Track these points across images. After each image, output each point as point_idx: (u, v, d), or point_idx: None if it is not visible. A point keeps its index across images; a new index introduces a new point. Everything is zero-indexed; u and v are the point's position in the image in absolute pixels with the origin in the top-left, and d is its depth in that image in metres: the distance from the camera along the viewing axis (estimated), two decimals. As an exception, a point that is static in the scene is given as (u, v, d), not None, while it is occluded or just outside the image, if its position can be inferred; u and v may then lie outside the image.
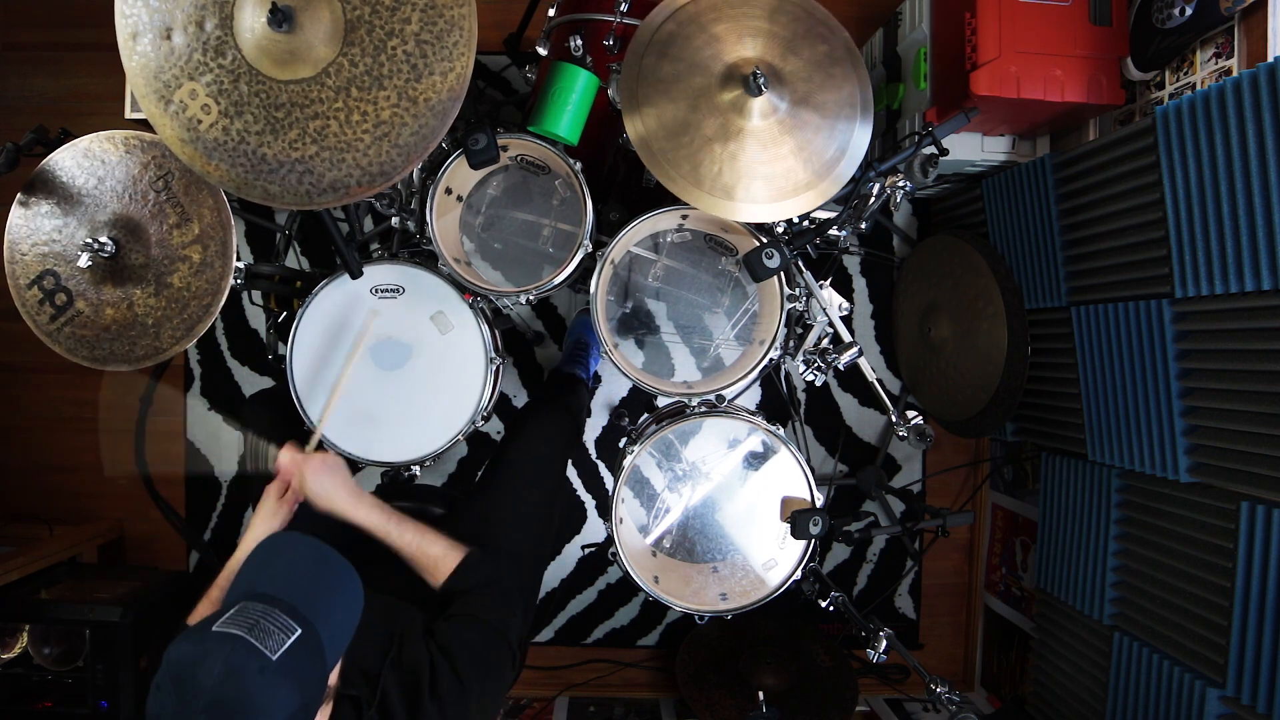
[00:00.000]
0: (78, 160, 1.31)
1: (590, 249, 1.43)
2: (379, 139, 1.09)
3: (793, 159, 1.28)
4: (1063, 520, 1.87)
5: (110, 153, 1.30)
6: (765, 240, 1.34)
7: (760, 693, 1.83)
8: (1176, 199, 1.43)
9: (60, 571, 2.13)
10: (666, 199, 1.34)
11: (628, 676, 2.39)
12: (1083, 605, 1.78)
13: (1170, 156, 1.42)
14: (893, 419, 1.49)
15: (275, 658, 0.77)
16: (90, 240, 1.26)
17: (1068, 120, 1.82)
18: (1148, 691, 1.57)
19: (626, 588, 2.38)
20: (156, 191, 1.29)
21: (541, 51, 1.57)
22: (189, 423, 2.36)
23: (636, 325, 1.80)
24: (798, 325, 1.55)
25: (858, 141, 1.31)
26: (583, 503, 2.38)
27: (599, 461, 2.37)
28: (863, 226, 1.52)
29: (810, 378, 1.52)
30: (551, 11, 1.59)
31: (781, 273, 1.39)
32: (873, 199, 1.42)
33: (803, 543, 1.45)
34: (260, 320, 2.35)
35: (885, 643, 1.51)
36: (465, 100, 1.10)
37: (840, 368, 1.46)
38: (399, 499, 1.63)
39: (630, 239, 1.49)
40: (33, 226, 1.32)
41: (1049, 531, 1.92)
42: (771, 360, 1.45)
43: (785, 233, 1.48)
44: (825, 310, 1.49)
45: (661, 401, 1.92)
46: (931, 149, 1.36)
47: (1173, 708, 1.50)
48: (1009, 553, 2.23)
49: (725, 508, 1.55)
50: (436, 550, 1.23)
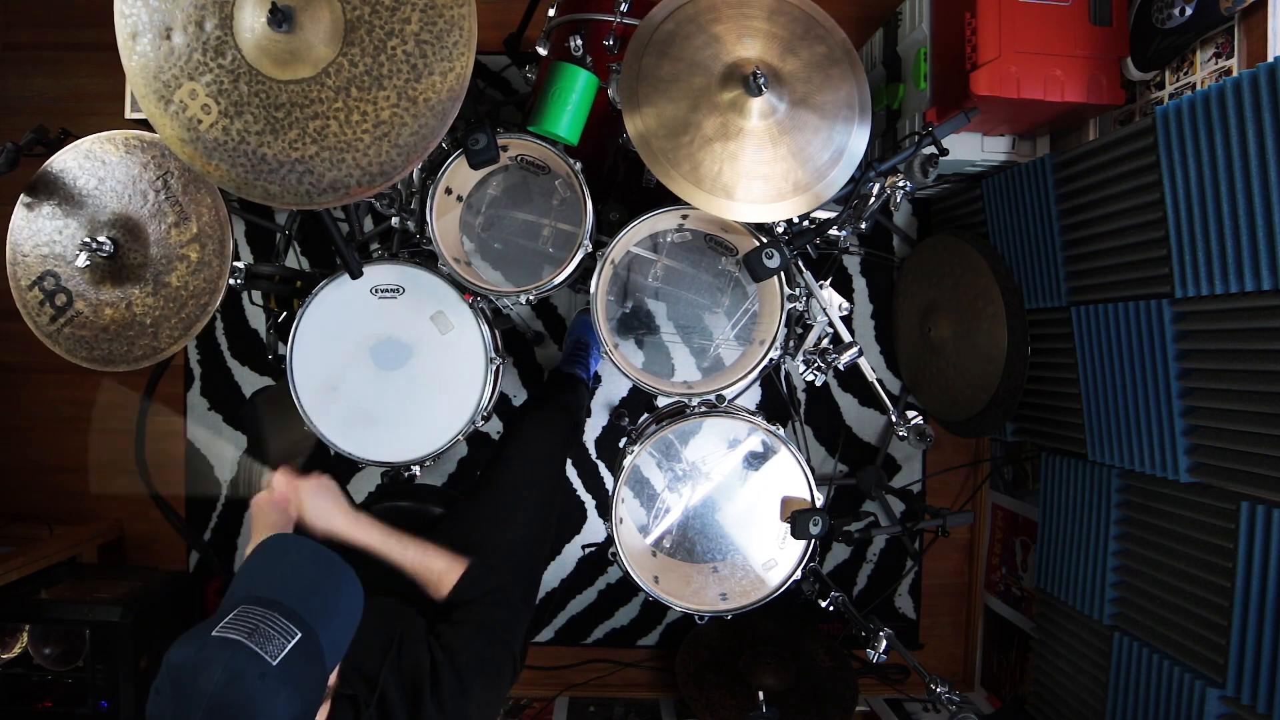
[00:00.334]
0: (79, 162, 1.31)
1: (590, 249, 1.43)
2: (379, 139, 1.09)
3: (792, 159, 1.28)
4: (1063, 520, 1.87)
5: (110, 153, 1.30)
6: (765, 240, 1.34)
7: (760, 693, 1.83)
8: (1176, 199, 1.43)
9: (60, 571, 2.13)
10: (666, 199, 1.34)
11: (628, 676, 2.39)
12: (1083, 605, 1.78)
13: (1170, 156, 1.42)
14: (893, 419, 1.49)
15: (275, 663, 0.77)
16: (89, 240, 1.26)
17: (1068, 120, 1.82)
18: (1148, 691, 1.57)
19: (626, 588, 2.38)
20: (156, 191, 1.29)
21: (541, 51, 1.57)
22: (189, 423, 2.36)
23: (636, 325, 1.79)
24: (798, 325, 1.55)
25: (856, 142, 1.31)
26: (583, 503, 2.38)
27: (599, 461, 2.37)
28: (863, 226, 1.52)
29: (810, 378, 1.52)
30: (551, 11, 1.59)
31: (781, 273, 1.39)
32: (873, 199, 1.42)
33: (803, 543, 1.45)
34: (260, 320, 2.35)
35: (885, 643, 1.51)
36: (465, 100, 1.10)
37: (840, 368, 1.46)
38: (399, 499, 1.63)
39: (630, 239, 1.49)
40: (34, 228, 1.32)
41: (1049, 531, 1.92)
42: (771, 360, 1.45)
43: (785, 233, 1.48)
44: (825, 310, 1.49)
45: (661, 401, 1.92)
46: (931, 149, 1.36)
47: (1173, 708, 1.50)
48: (1009, 553, 2.23)
49: (725, 508, 1.55)
50: (439, 565, 1.23)
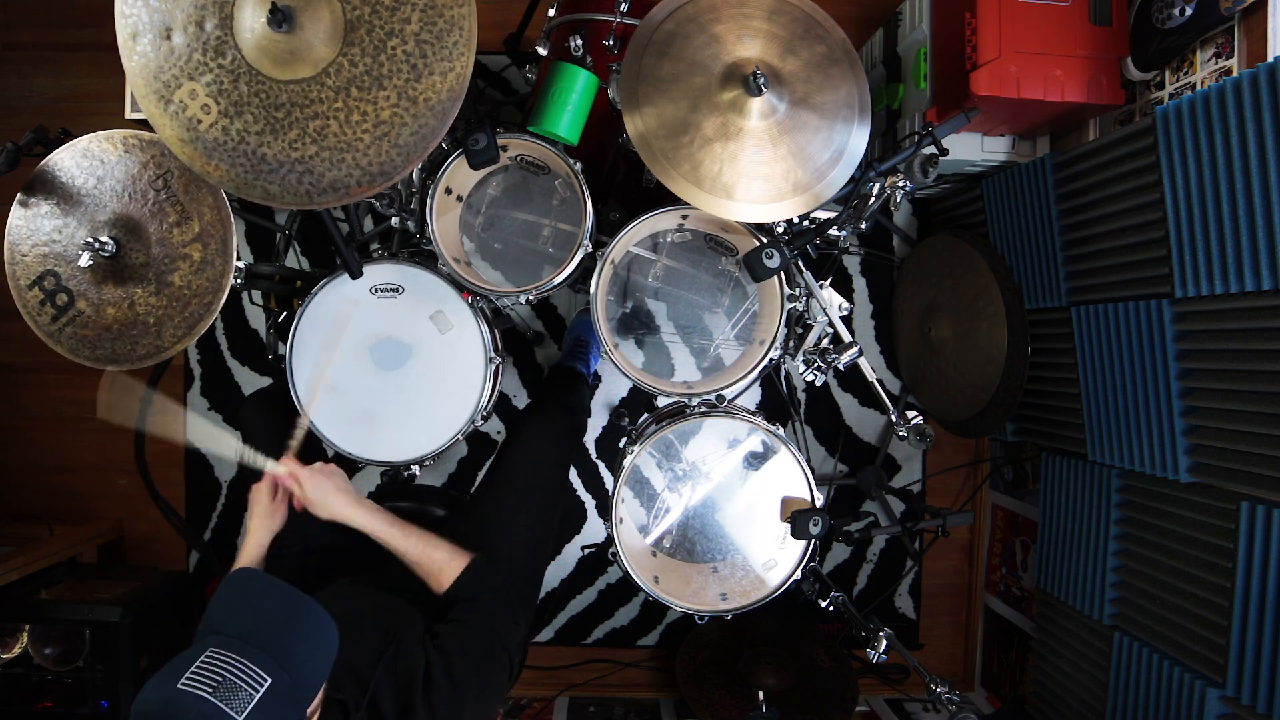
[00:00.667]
0: (77, 160, 1.30)
1: (590, 249, 1.43)
2: (379, 139, 1.09)
3: (792, 159, 1.28)
4: (1063, 520, 1.87)
5: (109, 152, 1.30)
6: (765, 240, 1.34)
7: (760, 693, 1.82)
8: (1176, 199, 1.43)
9: (60, 571, 2.13)
10: (666, 199, 1.34)
11: (628, 676, 2.39)
12: (1083, 605, 1.78)
13: (1170, 156, 1.42)
14: (893, 419, 1.49)
15: (242, 717, 0.77)
16: (91, 239, 1.25)
17: (1068, 120, 1.82)
18: (1148, 691, 1.57)
19: (626, 588, 2.38)
20: (156, 190, 1.29)
21: (541, 51, 1.57)
22: (189, 423, 2.35)
23: (636, 325, 1.79)
24: (798, 325, 1.55)
25: (856, 142, 1.31)
26: (583, 503, 2.38)
27: (599, 461, 2.37)
28: (863, 226, 1.52)
29: (810, 378, 1.52)
30: (551, 11, 1.59)
31: (781, 273, 1.39)
32: (873, 199, 1.42)
33: (803, 543, 1.45)
34: (260, 320, 2.35)
35: (885, 643, 1.51)
36: (465, 100, 1.10)
37: (840, 368, 1.46)
38: (399, 499, 1.63)
39: (630, 239, 1.49)
40: (33, 227, 1.31)
41: (1049, 531, 1.92)
42: (771, 360, 1.45)
43: (785, 233, 1.48)
44: (825, 310, 1.49)
45: (661, 401, 1.92)
46: (931, 149, 1.36)
47: (1173, 708, 1.50)
48: (1009, 553, 2.23)
49: (725, 508, 1.55)
50: (440, 556, 1.22)
